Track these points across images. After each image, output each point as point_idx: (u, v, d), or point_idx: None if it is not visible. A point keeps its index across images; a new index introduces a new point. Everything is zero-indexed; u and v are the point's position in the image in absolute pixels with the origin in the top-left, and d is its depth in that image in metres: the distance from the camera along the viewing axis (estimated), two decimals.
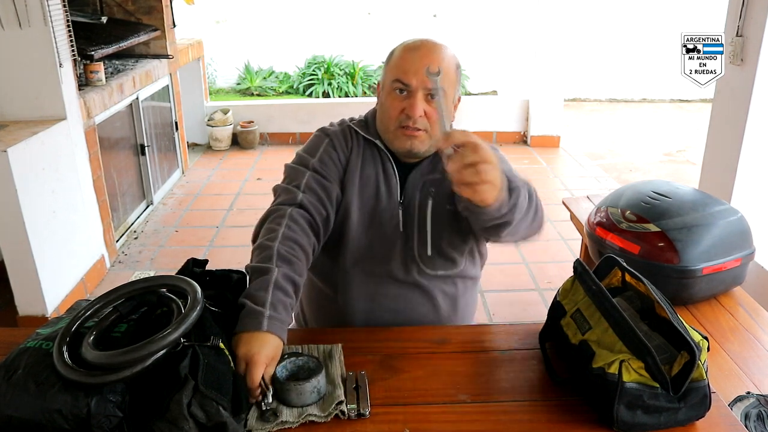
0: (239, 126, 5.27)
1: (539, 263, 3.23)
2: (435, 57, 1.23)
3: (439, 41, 1.28)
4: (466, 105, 5.51)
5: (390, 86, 1.25)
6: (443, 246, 1.31)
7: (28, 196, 2.43)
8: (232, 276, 1.07)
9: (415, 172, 1.31)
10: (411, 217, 1.31)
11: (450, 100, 1.27)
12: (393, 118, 1.25)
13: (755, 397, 1.46)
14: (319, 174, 1.28)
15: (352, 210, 1.30)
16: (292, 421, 0.94)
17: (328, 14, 7.27)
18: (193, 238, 3.63)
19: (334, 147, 1.32)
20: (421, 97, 1.22)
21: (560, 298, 1.15)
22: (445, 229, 1.30)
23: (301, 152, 1.34)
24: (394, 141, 1.27)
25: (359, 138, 1.34)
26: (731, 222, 1.90)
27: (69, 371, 0.83)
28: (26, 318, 2.58)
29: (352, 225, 1.30)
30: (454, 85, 1.27)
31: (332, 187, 1.28)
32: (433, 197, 1.29)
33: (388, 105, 1.26)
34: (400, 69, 1.23)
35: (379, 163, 1.32)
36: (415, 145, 1.26)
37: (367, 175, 1.31)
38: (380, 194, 1.31)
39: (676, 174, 4.83)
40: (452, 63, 1.26)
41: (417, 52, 1.23)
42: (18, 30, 2.56)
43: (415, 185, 1.31)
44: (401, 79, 1.22)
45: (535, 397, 1.02)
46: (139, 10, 4.18)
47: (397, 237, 1.31)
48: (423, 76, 1.20)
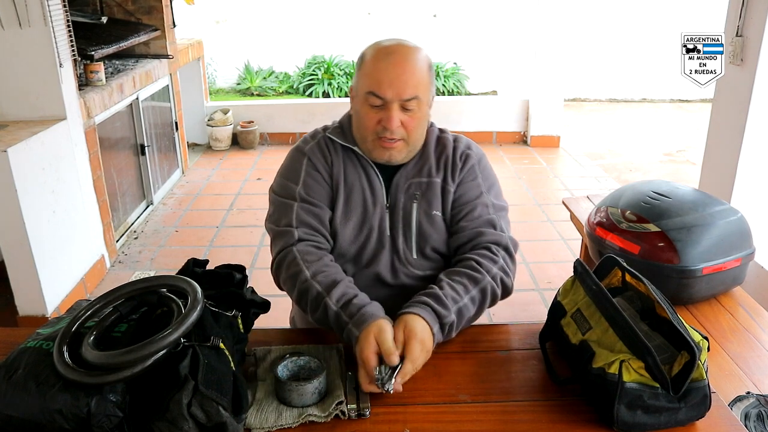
0: (239, 126, 5.27)
1: (539, 263, 3.23)
2: (407, 66, 1.21)
3: (411, 43, 1.26)
4: (467, 105, 5.52)
5: (364, 97, 1.23)
6: (428, 248, 1.32)
7: (28, 196, 2.43)
8: (235, 275, 1.07)
9: (400, 174, 1.31)
10: (397, 220, 1.31)
11: (426, 106, 1.26)
12: (369, 129, 1.24)
13: (755, 397, 1.46)
14: (307, 203, 1.28)
15: (342, 220, 1.30)
16: (292, 421, 0.94)
17: (328, 14, 7.27)
18: (193, 238, 3.63)
19: (315, 167, 1.31)
20: (397, 108, 1.21)
21: (560, 298, 1.15)
22: (432, 234, 1.31)
23: (283, 179, 1.33)
24: (372, 151, 1.28)
25: (337, 147, 1.33)
26: (731, 222, 1.90)
27: (69, 371, 0.83)
28: (26, 318, 2.58)
29: (344, 234, 1.30)
30: (428, 89, 1.26)
31: (323, 212, 1.29)
32: (418, 200, 1.30)
33: (363, 115, 1.25)
34: (373, 81, 1.21)
35: (360, 170, 1.32)
36: (394, 156, 1.27)
37: (351, 183, 1.31)
38: (366, 201, 1.31)
39: (676, 174, 4.83)
40: (425, 66, 1.24)
41: (389, 62, 1.21)
42: (18, 30, 2.56)
43: (399, 188, 1.31)
44: (375, 93, 1.21)
45: (535, 397, 1.02)
46: (139, 10, 4.18)
47: (385, 240, 1.31)
48: (398, 87, 1.19)
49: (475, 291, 1.18)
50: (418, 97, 1.21)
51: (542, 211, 3.97)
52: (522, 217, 3.86)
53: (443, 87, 6.88)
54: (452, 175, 1.32)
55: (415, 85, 1.21)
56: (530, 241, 3.46)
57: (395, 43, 1.25)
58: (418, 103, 1.22)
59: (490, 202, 1.32)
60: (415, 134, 1.26)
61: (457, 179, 1.32)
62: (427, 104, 1.27)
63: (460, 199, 1.32)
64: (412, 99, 1.21)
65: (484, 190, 1.32)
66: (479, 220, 1.29)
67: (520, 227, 3.65)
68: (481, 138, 5.38)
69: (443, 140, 1.35)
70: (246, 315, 1.04)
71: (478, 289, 1.18)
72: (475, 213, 1.30)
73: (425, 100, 1.25)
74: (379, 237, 1.31)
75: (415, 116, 1.23)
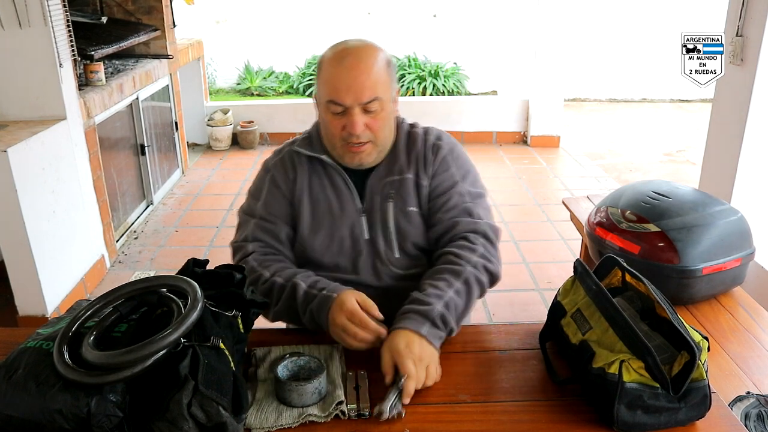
0: (239, 126, 5.27)
1: (539, 263, 3.23)
2: (362, 68, 1.20)
3: (367, 42, 1.25)
4: (467, 105, 5.52)
5: (325, 106, 1.23)
6: (409, 246, 1.31)
7: (28, 196, 2.43)
8: (235, 275, 1.07)
9: (373, 176, 1.31)
10: (375, 222, 1.31)
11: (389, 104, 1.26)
12: (336, 136, 1.24)
13: (755, 397, 1.46)
14: (264, 220, 1.31)
15: (310, 233, 1.31)
16: (292, 421, 0.94)
17: (328, 14, 7.27)
18: (193, 238, 3.63)
19: (276, 183, 1.33)
20: (359, 112, 1.20)
21: (560, 298, 1.15)
22: (411, 230, 1.30)
23: (249, 196, 1.37)
24: (343, 157, 1.28)
25: (302, 159, 1.33)
26: (731, 222, 1.90)
27: (69, 371, 0.83)
28: (26, 318, 2.58)
29: (314, 246, 1.31)
30: (389, 86, 1.25)
31: (278, 228, 1.31)
32: (393, 198, 1.30)
33: (328, 122, 1.25)
34: (331, 88, 1.21)
35: (326, 180, 1.32)
36: (363, 159, 1.27)
37: (317, 194, 1.32)
38: (332, 208, 1.31)
39: (676, 174, 4.83)
40: (382, 65, 1.23)
41: (344, 67, 1.20)
42: (18, 30, 2.56)
43: (374, 190, 1.31)
44: (335, 100, 1.21)
45: (535, 397, 1.02)
46: (139, 10, 4.18)
47: (363, 245, 1.31)
48: (355, 91, 1.19)
49: (458, 283, 1.16)
50: (378, 98, 1.21)
51: (542, 211, 3.97)
52: (522, 217, 3.86)
53: (443, 87, 6.88)
54: (424, 168, 1.31)
55: (372, 86, 1.20)
56: (530, 241, 3.46)
57: (349, 45, 1.23)
58: (380, 103, 1.22)
59: (466, 190, 1.31)
60: (381, 134, 1.26)
61: (430, 172, 1.31)
62: (390, 102, 1.26)
63: (435, 191, 1.31)
64: (373, 101, 1.20)
65: (458, 178, 1.32)
66: (455, 210, 1.29)
67: (520, 227, 3.65)
68: (481, 138, 5.38)
69: (413, 135, 1.35)
70: (246, 315, 1.04)
71: (461, 281, 1.17)
72: (450, 203, 1.29)
73: (387, 98, 1.24)
74: (353, 244, 1.31)
75: (378, 117, 1.23)
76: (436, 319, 1.09)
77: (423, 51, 7.24)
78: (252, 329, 1.07)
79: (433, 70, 6.95)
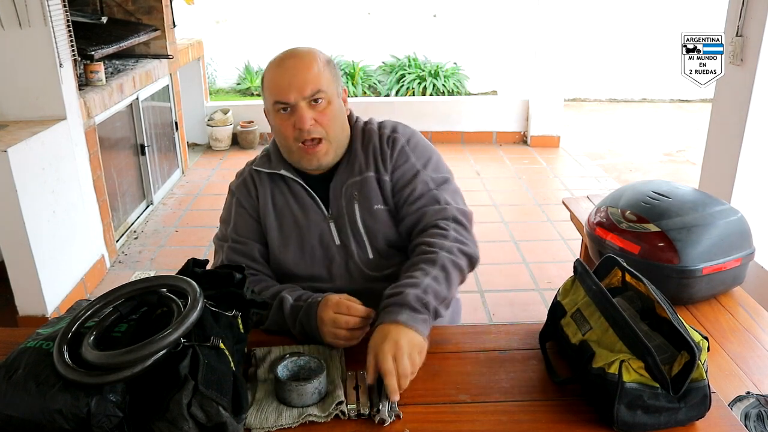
0: (239, 126, 5.27)
1: (539, 263, 3.23)
2: (301, 64, 1.22)
3: (305, 47, 1.28)
4: (467, 105, 5.52)
5: (273, 109, 1.25)
6: (382, 245, 1.30)
7: (28, 196, 2.43)
8: (235, 275, 1.07)
9: (335, 181, 1.31)
10: (343, 225, 1.30)
11: (336, 99, 1.26)
12: (290, 138, 1.24)
13: (755, 397, 1.46)
14: (236, 242, 1.32)
15: (281, 249, 1.31)
16: (292, 421, 0.94)
17: (328, 14, 7.27)
18: (193, 238, 3.63)
19: (241, 204, 1.34)
20: (305, 106, 1.21)
21: (560, 298, 1.15)
22: (380, 229, 1.29)
23: (221, 222, 1.38)
24: (300, 161, 1.28)
25: (262, 177, 1.34)
26: (731, 222, 1.90)
27: (69, 371, 0.83)
28: (26, 318, 2.58)
29: (287, 260, 1.31)
30: (332, 81, 1.26)
31: (250, 248, 1.31)
32: (358, 199, 1.29)
33: (279, 126, 1.25)
34: (275, 89, 1.23)
35: (288, 193, 1.32)
36: (321, 159, 1.27)
37: (280, 209, 1.32)
38: (298, 221, 1.31)
39: (676, 174, 4.83)
40: (321, 61, 1.25)
41: (283, 68, 1.23)
42: (18, 30, 2.56)
43: (337, 194, 1.30)
44: (279, 100, 1.22)
45: (535, 397, 1.02)
46: (139, 10, 4.18)
47: (335, 252, 1.30)
48: (297, 86, 1.20)
49: (435, 270, 1.14)
50: (321, 90, 1.22)
51: (542, 211, 3.97)
52: (522, 217, 3.86)
53: (443, 87, 6.88)
54: (383, 164, 1.30)
55: (314, 79, 1.21)
56: (530, 241, 3.46)
57: (287, 50, 1.27)
58: (325, 96, 1.22)
59: (429, 177, 1.30)
60: (333, 129, 1.25)
61: (389, 167, 1.30)
62: (337, 97, 1.26)
63: (398, 184, 1.30)
64: (317, 92, 1.21)
65: (419, 167, 1.30)
66: (421, 200, 1.28)
67: (520, 227, 3.66)
68: (481, 138, 5.38)
69: (368, 131, 1.34)
70: (246, 315, 1.04)
71: (438, 267, 1.15)
72: (415, 193, 1.28)
73: (333, 93, 1.25)
74: (325, 252, 1.31)
75: (326, 111, 1.23)
76: (412, 302, 1.06)
77: (423, 51, 7.24)
78: (252, 329, 1.07)
79: (433, 70, 6.96)
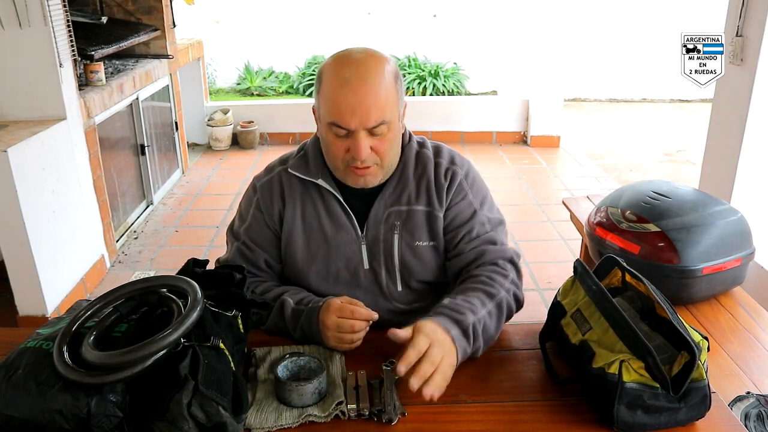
0: (239, 126, 5.27)
1: (539, 263, 3.23)
2: (369, 90, 1.08)
3: (371, 53, 1.13)
4: (467, 105, 5.52)
5: (327, 126, 1.12)
6: (413, 281, 1.24)
7: (28, 196, 2.43)
8: (235, 275, 1.07)
9: (378, 204, 1.22)
10: (377, 253, 1.22)
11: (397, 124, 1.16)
12: (338, 158, 1.14)
13: (755, 397, 1.46)
14: (246, 246, 1.26)
15: (304, 264, 1.24)
16: (292, 421, 0.94)
17: (328, 14, 7.27)
18: (193, 238, 3.63)
19: (260, 208, 1.25)
20: (364, 136, 1.10)
21: (560, 298, 1.15)
22: (416, 266, 1.23)
23: (237, 215, 1.31)
24: (345, 179, 1.19)
25: (294, 182, 1.23)
26: (731, 222, 1.90)
27: (69, 371, 0.83)
28: (26, 318, 2.58)
29: (309, 278, 1.24)
30: (397, 105, 1.14)
31: (256, 256, 1.26)
32: (400, 231, 1.21)
33: (330, 143, 1.14)
34: (334, 110, 1.09)
35: (320, 204, 1.22)
36: (369, 181, 1.18)
37: (309, 222, 1.23)
38: (328, 238, 1.22)
39: (676, 174, 4.83)
40: (390, 82, 1.11)
41: (349, 90, 1.08)
42: (18, 30, 2.56)
43: (378, 219, 1.22)
44: (338, 123, 1.10)
45: (535, 397, 1.02)
46: (139, 10, 4.18)
47: (362, 276, 1.23)
48: (361, 115, 1.08)
49: (491, 305, 1.11)
50: (385, 121, 1.10)
51: (542, 211, 3.97)
52: (522, 217, 3.86)
53: (443, 87, 6.88)
54: (438, 199, 1.22)
55: (380, 109, 1.09)
56: (530, 241, 3.46)
57: (354, 59, 1.11)
58: (387, 126, 1.12)
59: (486, 218, 1.24)
60: (388, 157, 1.17)
61: (444, 203, 1.22)
62: (397, 121, 1.16)
63: (454, 223, 1.23)
64: (380, 125, 1.10)
65: (477, 207, 1.24)
66: (478, 240, 1.22)
67: (520, 227, 3.65)
68: (481, 138, 5.38)
69: (423, 158, 1.24)
70: (246, 315, 1.04)
71: (494, 303, 1.12)
72: (473, 234, 1.22)
73: (395, 119, 1.13)
74: (352, 276, 1.23)
75: (385, 139, 1.13)
76: (468, 328, 1.03)
77: (423, 51, 7.24)
78: (252, 329, 1.07)
79: (433, 70, 6.95)
